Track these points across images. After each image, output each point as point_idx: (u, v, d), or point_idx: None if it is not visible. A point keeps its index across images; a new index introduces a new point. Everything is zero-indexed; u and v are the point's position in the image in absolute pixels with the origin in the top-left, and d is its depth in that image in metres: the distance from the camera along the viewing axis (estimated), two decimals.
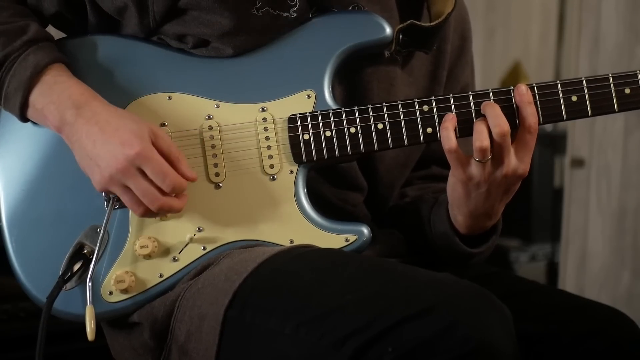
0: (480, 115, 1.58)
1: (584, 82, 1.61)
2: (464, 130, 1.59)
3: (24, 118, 1.60)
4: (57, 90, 1.56)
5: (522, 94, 1.58)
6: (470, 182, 1.58)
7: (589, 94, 1.61)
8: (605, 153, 3.36)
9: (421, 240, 1.74)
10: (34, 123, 1.62)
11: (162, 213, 1.55)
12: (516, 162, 1.57)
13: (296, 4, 1.64)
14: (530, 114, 1.57)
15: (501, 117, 1.55)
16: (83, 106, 1.55)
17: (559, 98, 1.61)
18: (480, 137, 1.55)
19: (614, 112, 1.62)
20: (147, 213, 1.54)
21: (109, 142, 1.51)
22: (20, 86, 1.56)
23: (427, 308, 1.32)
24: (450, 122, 1.58)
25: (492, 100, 1.59)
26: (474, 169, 1.57)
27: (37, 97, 1.57)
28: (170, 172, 1.52)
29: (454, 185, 1.62)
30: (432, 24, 1.67)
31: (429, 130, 1.61)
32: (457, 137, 1.57)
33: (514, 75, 4.57)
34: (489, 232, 1.70)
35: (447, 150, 1.57)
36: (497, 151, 1.56)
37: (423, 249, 1.75)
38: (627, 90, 1.62)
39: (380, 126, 1.60)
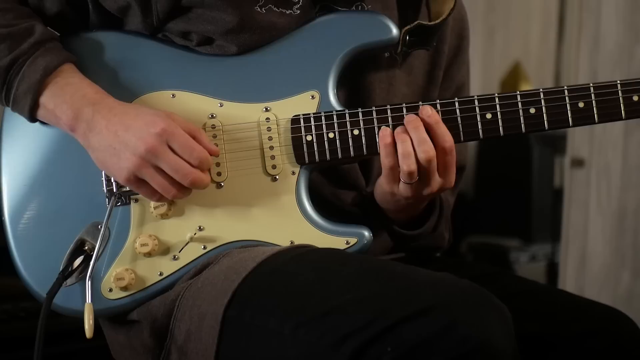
0: (485, 118, 1.59)
1: (592, 88, 1.60)
2: (468, 134, 1.59)
3: (33, 119, 1.61)
4: (69, 91, 1.57)
5: (429, 116, 1.57)
6: (398, 195, 1.61)
7: (596, 101, 1.60)
8: (605, 153, 3.36)
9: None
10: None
11: (192, 188, 1.54)
12: (441, 181, 1.59)
13: (299, 1, 1.64)
14: (442, 134, 1.56)
15: (427, 143, 1.55)
16: (99, 103, 1.56)
17: (566, 104, 1.60)
18: (408, 161, 1.55)
19: (621, 119, 1.60)
20: (180, 193, 1.54)
21: (132, 127, 1.52)
22: (30, 89, 1.57)
23: (427, 308, 1.32)
24: (390, 137, 1.57)
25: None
26: (402, 187, 1.59)
27: (48, 99, 1.58)
28: (196, 145, 1.53)
29: (382, 193, 1.65)
30: (437, 21, 1.68)
31: None
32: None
33: (514, 75, 4.58)
34: (423, 213, 1.72)
35: (386, 167, 1.58)
36: (422, 174, 1.57)
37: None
38: (635, 98, 1.60)
39: None
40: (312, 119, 1.61)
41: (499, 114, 1.60)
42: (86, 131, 1.56)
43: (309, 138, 1.61)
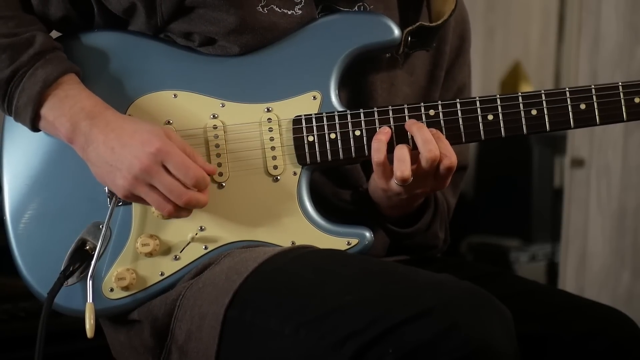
0: (487, 119, 1.59)
1: (593, 90, 1.60)
2: (470, 135, 1.59)
3: (35, 130, 1.61)
4: (68, 103, 1.57)
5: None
6: (390, 191, 1.61)
7: (597, 102, 1.60)
8: (605, 153, 3.36)
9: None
10: None
11: (188, 208, 1.54)
12: (435, 183, 1.59)
13: (301, 1, 1.64)
14: (445, 147, 1.57)
15: (432, 142, 1.56)
16: (97, 116, 1.56)
17: (567, 106, 1.60)
18: (402, 167, 1.55)
19: (622, 121, 1.60)
20: (175, 211, 1.53)
21: (128, 144, 1.52)
22: (29, 101, 1.57)
23: (428, 309, 1.32)
24: (384, 135, 1.58)
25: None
26: (394, 185, 1.59)
27: (48, 111, 1.57)
28: (192, 164, 1.52)
29: (374, 189, 1.65)
30: (438, 22, 1.68)
31: None
32: (388, 152, 1.58)
33: (514, 75, 4.57)
34: (417, 211, 1.73)
35: (375, 162, 1.58)
36: (420, 174, 1.57)
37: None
38: (637, 99, 1.60)
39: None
40: (313, 120, 1.61)
41: (500, 115, 1.60)
42: (84, 145, 1.56)
43: (310, 139, 1.61)
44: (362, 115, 1.60)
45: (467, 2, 1.87)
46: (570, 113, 1.60)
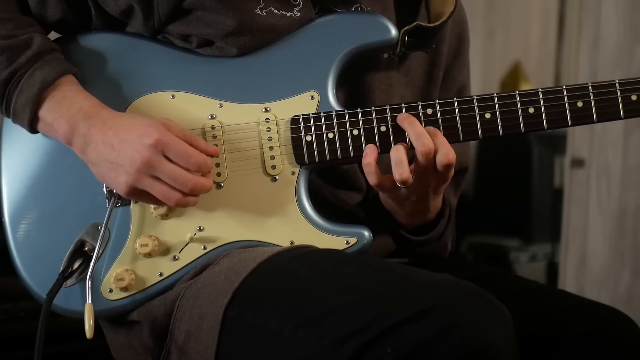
0: (484, 118, 1.59)
1: (590, 87, 1.60)
2: (468, 134, 1.59)
3: (34, 131, 1.61)
4: (66, 105, 1.57)
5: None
6: (399, 197, 1.61)
7: (594, 100, 1.60)
8: (605, 153, 3.37)
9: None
10: None
11: (195, 195, 1.54)
12: (438, 178, 1.59)
13: (300, 3, 1.64)
14: (443, 143, 1.57)
15: (425, 136, 1.56)
16: (94, 116, 1.56)
17: (565, 103, 1.60)
18: (400, 170, 1.55)
19: (619, 118, 1.61)
20: (181, 200, 1.53)
21: (126, 140, 1.52)
22: (28, 103, 1.57)
23: (427, 309, 1.32)
24: (371, 157, 1.58)
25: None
26: (400, 190, 1.59)
27: (46, 112, 1.58)
28: (193, 151, 1.53)
29: (385, 199, 1.66)
30: (436, 23, 1.68)
31: None
32: (385, 152, 1.58)
33: (514, 75, 4.58)
34: (434, 220, 1.73)
35: (373, 185, 1.59)
36: (420, 170, 1.57)
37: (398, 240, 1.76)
38: (634, 97, 1.60)
39: (383, 129, 1.60)
40: (311, 119, 1.61)
41: (498, 113, 1.60)
42: (83, 146, 1.56)
43: (308, 138, 1.61)
44: (359, 114, 1.60)
45: (467, 2, 1.87)
46: (567, 111, 1.60)
